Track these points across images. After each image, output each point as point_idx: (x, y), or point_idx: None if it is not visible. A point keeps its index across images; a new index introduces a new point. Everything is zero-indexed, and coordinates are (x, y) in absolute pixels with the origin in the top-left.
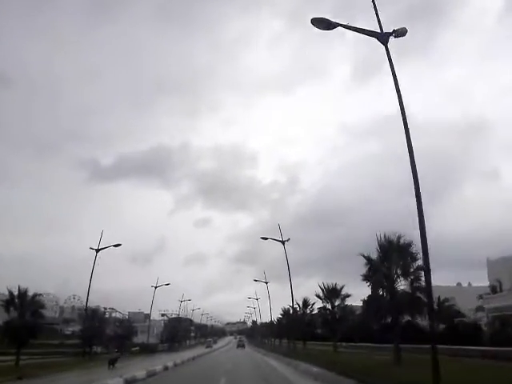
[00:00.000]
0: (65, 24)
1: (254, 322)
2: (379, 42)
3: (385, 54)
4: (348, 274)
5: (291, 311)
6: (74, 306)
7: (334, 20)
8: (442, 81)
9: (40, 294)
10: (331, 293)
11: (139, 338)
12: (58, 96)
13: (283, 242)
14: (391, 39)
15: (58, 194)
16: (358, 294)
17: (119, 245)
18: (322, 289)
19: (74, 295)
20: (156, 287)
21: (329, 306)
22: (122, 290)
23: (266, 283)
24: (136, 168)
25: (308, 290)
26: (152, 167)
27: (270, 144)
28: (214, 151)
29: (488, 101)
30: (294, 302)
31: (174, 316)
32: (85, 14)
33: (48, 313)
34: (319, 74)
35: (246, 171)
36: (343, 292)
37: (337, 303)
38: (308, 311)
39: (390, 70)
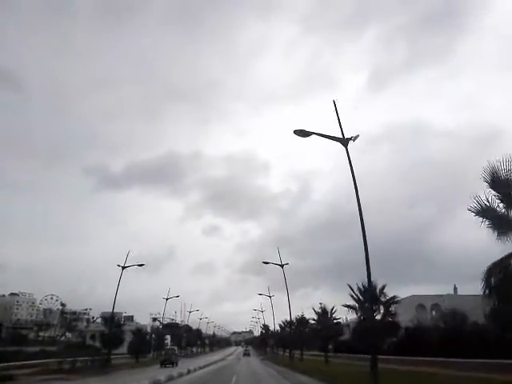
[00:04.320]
0: (76, 31)
1: (266, 327)
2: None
3: (398, 65)
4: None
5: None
6: (51, 308)
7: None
8: (459, 88)
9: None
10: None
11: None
12: (68, 103)
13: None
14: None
15: (66, 201)
16: None
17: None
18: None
19: (52, 295)
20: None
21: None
22: (130, 297)
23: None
24: (146, 175)
25: (317, 300)
26: (162, 175)
27: (281, 153)
28: (225, 159)
29: (505, 110)
30: (309, 311)
31: (168, 321)
32: (95, 21)
33: (22, 315)
34: (331, 83)
35: (256, 180)
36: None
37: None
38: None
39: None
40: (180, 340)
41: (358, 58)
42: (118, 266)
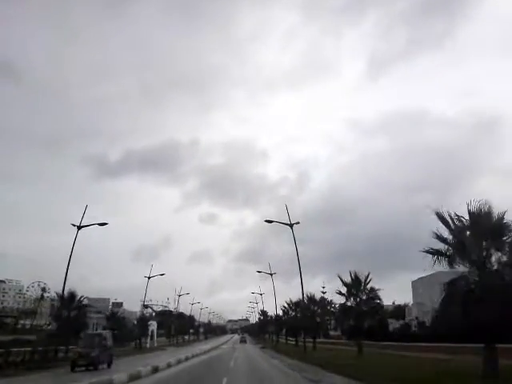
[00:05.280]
0: (75, 18)
1: (264, 313)
2: None
3: (397, 51)
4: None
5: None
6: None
7: None
8: (458, 75)
9: None
10: None
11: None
12: (67, 91)
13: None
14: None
15: (64, 189)
16: None
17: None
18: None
19: (39, 282)
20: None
21: None
22: (127, 285)
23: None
24: (144, 163)
25: (315, 288)
26: (161, 163)
27: (279, 141)
28: (224, 148)
29: (504, 97)
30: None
31: (161, 309)
32: (95, 8)
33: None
34: (330, 70)
35: (254, 168)
36: None
37: None
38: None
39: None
40: (169, 327)
41: (357, 44)
42: (73, 225)
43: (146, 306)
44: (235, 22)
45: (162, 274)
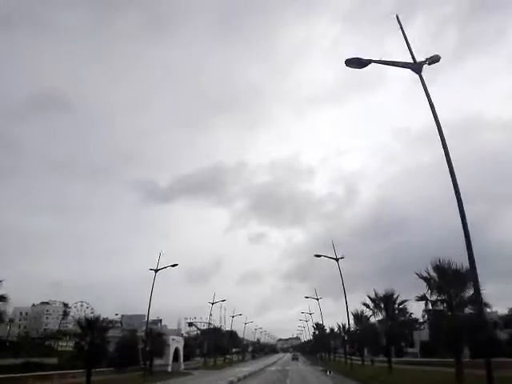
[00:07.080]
0: (120, 47)
1: (319, 326)
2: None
3: (448, 57)
4: (408, 288)
5: None
6: (80, 315)
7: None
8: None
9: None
10: None
11: None
12: (114, 119)
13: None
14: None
15: (115, 216)
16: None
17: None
18: None
19: (82, 302)
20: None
21: None
22: (179, 308)
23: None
24: (192, 187)
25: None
26: (208, 185)
27: (325, 156)
28: (270, 166)
29: None
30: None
31: (205, 327)
32: (139, 35)
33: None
34: (376, 80)
35: (301, 185)
36: None
37: None
38: None
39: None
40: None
41: (403, 52)
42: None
43: (190, 324)
44: (275, 39)
45: (173, 265)
